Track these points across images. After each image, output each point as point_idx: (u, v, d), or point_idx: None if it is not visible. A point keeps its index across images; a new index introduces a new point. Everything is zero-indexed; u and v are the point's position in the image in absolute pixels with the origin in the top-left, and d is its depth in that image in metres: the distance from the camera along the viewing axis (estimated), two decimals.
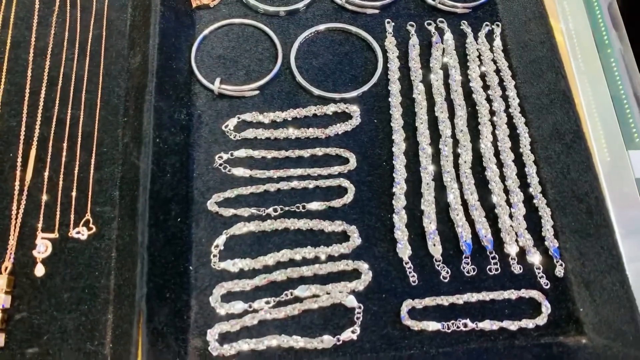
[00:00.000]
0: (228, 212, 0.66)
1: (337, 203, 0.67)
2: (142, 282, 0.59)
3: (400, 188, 0.68)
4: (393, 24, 0.79)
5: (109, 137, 0.71)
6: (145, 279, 0.59)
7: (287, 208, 0.67)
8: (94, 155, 0.69)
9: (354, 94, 0.74)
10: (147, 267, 0.59)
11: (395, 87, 0.75)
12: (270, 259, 0.64)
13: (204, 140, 0.71)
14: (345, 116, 0.73)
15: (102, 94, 0.73)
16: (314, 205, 0.67)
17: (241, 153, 0.70)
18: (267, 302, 0.62)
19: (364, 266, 0.64)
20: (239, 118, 0.72)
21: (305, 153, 0.70)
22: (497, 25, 0.80)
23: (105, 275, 0.64)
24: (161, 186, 0.64)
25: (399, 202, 0.67)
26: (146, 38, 0.73)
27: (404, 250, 0.65)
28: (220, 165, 0.69)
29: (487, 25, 0.80)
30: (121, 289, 0.62)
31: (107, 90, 0.73)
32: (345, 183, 0.69)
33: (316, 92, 0.74)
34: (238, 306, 0.62)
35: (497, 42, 0.79)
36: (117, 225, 0.66)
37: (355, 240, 0.65)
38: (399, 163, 0.70)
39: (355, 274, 0.64)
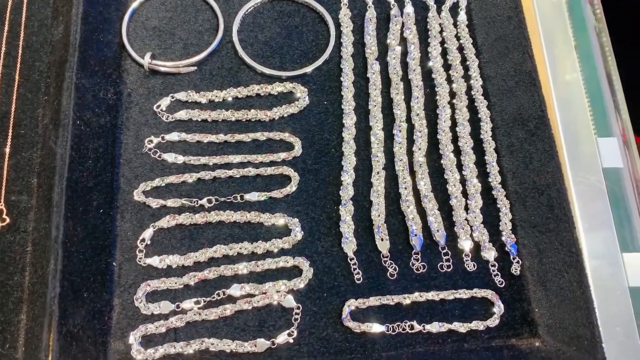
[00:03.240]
0: (157, 202, 0.60)
1: (279, 193, 0.62)
2: (55, 280, 0.53)
3: (348, 176, 0.63)
4: None
5: (27, 117, 0.64)
6: (59, 277, 0.53)
7: (223, 199, 0.61)
8: (9, 137, 0.63)
9: (302, 71, 0.67)
10: (61, 264, 0.54)
11: (347, 65, 0.68)
12: (201, 255, 0.58)
13: (133, 122, 0.64)
14: (291, 97, 0.67)
15: (21, 68, 0.66)
16: (253, 196, 0.61)
17: (173, 137, 0.63)
18: (197, 302, 0.57)
19: (305, 263, 0.59)
20: (172, 97, 0.65)
21: (246, 137, 0.64)
22: None
23: (20, 271, 0.58)
24: (81, 173, 0.58)
25: (347, 192, 0.62)
26: (70, 6, 0.65)
27: (349, 245, 0.60)
28: (150, 150, 0.63)
29: None
30: (35, 288, 0.56)
31: (27, 65, 0.66)
32: (289, 171, 0.63)
33: (260, 69, 0.67)
34: (165, 306, 0.57)
35: (462, 17, 0.72)
36: (33, 217, 0.60)
37: (297, 234, 0.60)
38: (349, 149, 0.64)
39: (295, 271, 0.59)
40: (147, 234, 0.59)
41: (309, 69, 0.67)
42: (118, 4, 0.68)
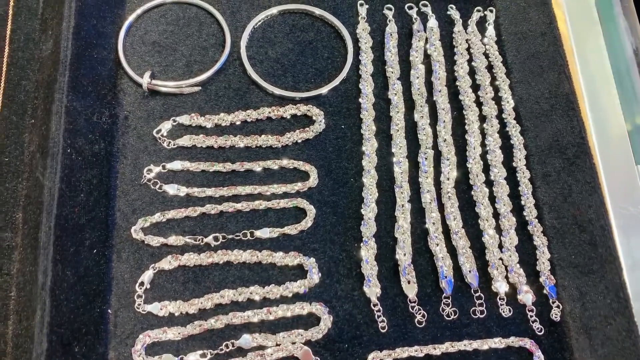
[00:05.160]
0: (157, 241, 0.54)
1: (292, 229, 0.55)
2: (43, 335, 0.47)
3: (370, 210, 0.57)
4: (367, 6, 0.66)
5: (12, 143, 0.57)
6: (46, 330, 0.47)
7: (230, 236, 0.55)
8: None
9: (317, 92, 0.61)
10: (49, 315, 0.47)
11: (367, 85, 0.62)
12: (207, 302, 0.52)
13: (131, 149, 0.58)
14: (306, 120, 0.61)
15: (5, 88, 0.59)
16: (265, 233, 0.55)
17: (176, 165, 0.57)
18: (203, 356, 0.51)
19: (322, 309, 0.53)
20: (174, 121, 0.59)
21: (256, 166, 0.58)
22: (491, 11, 0.67)
23: (2, 320, 0.51)
24: (72, 209, 0.52)
25: (369, 228, 0.56)
26: (60, 19, 0.59)
27: (373, 289, 0.54)
28: (150, 180, 0.56)
29: (478, 10, 0.67)
30: (19, 341, 0.50)
31: (12, 84, 0.59)
32: (304, 204, 0.57)
33: (271, 89, 0.61)
34: None
35: (490, 32, 0.66)
36: (18, 257, 0.53)
37: (314, 276, 0.54)
38: (370, 180, 0.58)
39: (312, 319, 0.53)
40: (147, 276, 0.53)
41: (324, 90, 0.61)
42: (114, 16, 0.62)
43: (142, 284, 0.52)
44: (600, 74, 0.67)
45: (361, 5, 0.66)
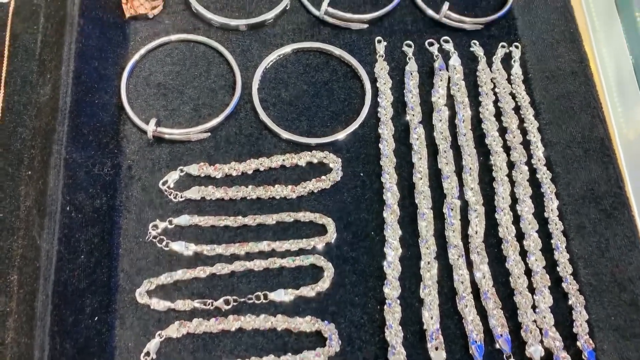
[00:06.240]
0: (163, 305, 0.50)
1: (309, 290, 0.51)
2: None
3: (393, 269, 0.53)
4: (385, 43, 0.62)
5: (7, 196, 0.53)
6: None
7: (242, 299, 0.51)
8: None
9: (334, 138, 0.57)
10: None
11: (387, 130, 0.58)
12: None
13: (134, 202, 0.54)
14: (322, 168, 0.57)
15: (0, 136, 0.55)
16: (279, 295, 0.51)
17: (183, 220, 0.53)
18: None
19: None
20: (181, 171, 0.55)
21: (269, 220, 0.54)
22: (517, 47, 0.63)
23: None
24: (71, 273, 0.48)
25: (392, 289, 0.52)
26: (59, 62, 0.55)
27: (398, 357, 0.49)
28: (155, 237, 0.52)
29: (503, 46, 0.63)
30: None
31: (7, 131, 0.55)
32: (321, 261, 0.53)
33: (285, 135, 0.57)
34: None
35: (516, 69, 0.62)
36: (12, 325, 0.49)
37: (333, 344, 0.49)
38: (392, 234, 0.54)
39: None
40: (153, 345, 0.48)
41: (341, 135, 0.57)
42: (116, 56, 0.58)
43: (147, 354, 0.48)
44: (635, 117, 0.63)
45: (379, 42, 0.62)
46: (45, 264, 0.47)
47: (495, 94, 0.61)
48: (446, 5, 0.61)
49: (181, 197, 0.54)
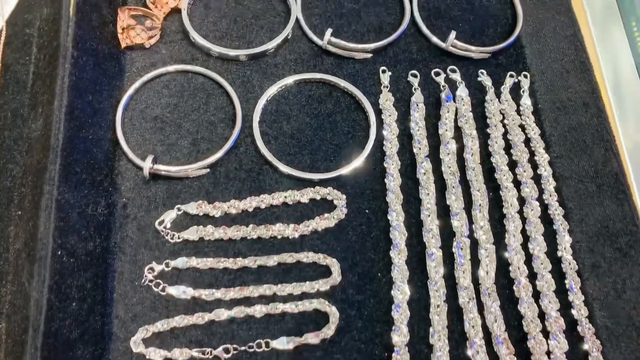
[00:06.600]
0: (160, 354, 0.47)
1: (313, 337, 0.49)
2: None
3: (401, 313, 0.50)
4: (390, 73, 0.60)
5: None
6: None
7: (243, 347, 0.48)
8: None
9: (337, 173, 0.55)
10: None
11: (392, 164, 0.56)
12: None
13: (129, 243, 0.51)
14: (326, 205, 0.55)
15: None
16: (282, 343, 0.48)
17: (181, 263, 0.51)
18: None
19: None
20: (179, 210, 0.53)
21: (270, 261, 0.51)
22: (525, 77, 0.61)
23: None
24: (62, 322, 0.45)
25: (400, 335, 0.49)
26: (51, 96, 0.52)
27: None
28: (151, 281, 0.50)
29: (511, 76, 0.61)
30: None
31: None
32: (326, 306, 0.50)
33: (287, 170, 0.55)
34: None
35: (526, 100, 0.60)
36: None
37: None
38: (399, 275, 0.52)
39: None
40: None
41: (345, 170, 0.55)
42: (111, 89, 0.56)
43: None
44: None
45: (383, 72, 0.60)
46: (35, 314, 0.44)
47: (504, 125, 0.59)
48: (453, 34, 0.60)
49: (178, 238, 0.51)
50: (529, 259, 0.54)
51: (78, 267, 0.48)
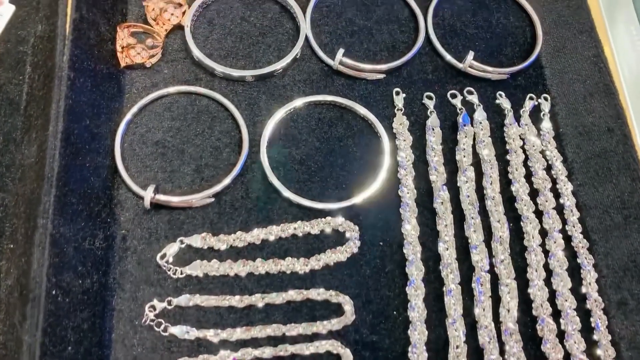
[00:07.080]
0: None
1: None
2: None
3: (418, 355, 0.47)
4: (404, 95, 0.57)
5: None
6: None
7: None
8: None
9: (350, 202, 0.52)
10: None
11: (408, 194, 0.53)
12: None
13: (129, 279, 0.48)
14: (338, 237, 0.52)
15: None
16: None
17: (184, 300, 0.48)
18: None
19: None
20: (182, 243, 0.50)
21: (279, 299, 0.48)
22: (545, 99, 0.59)
23: None
24: None
25: None
26: (46, 121, 0.49)
27: None
28: (153, 321, 0.47)
29: (531, 98, 0.59)
30: None
31: None
32: (338, 348, 0.47)
33: (297, 200, 0.51)
34: None
35: (546, 124, 0.57)
36: None
37: None
38: (416, 314, 0.49)
39: None
40: None
41: (358, 199, 0.52)
42: (110, 112, 0.53)
43: None
44: None
45: (397, 94, 0.57)
46: None
47: (524, 150, 0.56)
48: (471, 54, 0.57)
49: (181, 273, 0.48)
50: (552, 295, 0.51)
51: (74, 307, 0.45)
